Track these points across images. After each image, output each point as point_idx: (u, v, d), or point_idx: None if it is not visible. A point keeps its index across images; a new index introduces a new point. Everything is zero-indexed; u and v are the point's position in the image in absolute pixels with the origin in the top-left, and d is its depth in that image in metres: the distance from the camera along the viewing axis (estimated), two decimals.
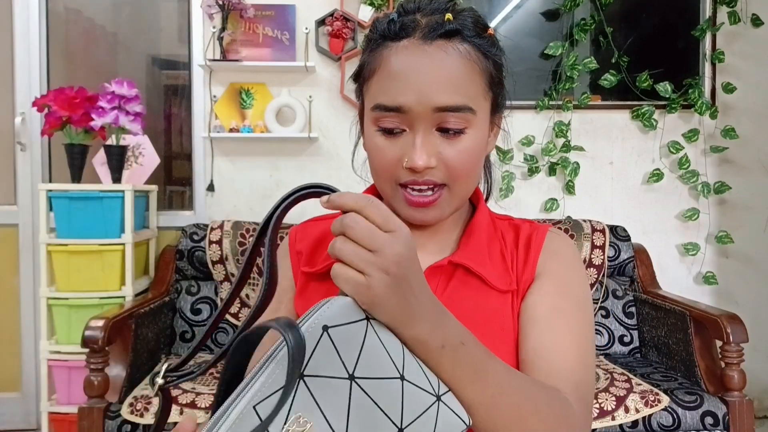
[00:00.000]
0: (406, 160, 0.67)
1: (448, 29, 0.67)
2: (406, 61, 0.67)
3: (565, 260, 0.76)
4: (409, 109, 0.66)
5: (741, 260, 2.79)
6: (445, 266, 0.73)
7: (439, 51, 0.67)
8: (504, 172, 2.70)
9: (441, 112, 0.66)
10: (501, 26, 2.76)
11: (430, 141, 0.68)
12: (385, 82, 0.68)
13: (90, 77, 2.77)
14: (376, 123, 0.70)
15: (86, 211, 2.18)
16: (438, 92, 0.66)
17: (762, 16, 2.72)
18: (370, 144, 0.71)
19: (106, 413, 1.77)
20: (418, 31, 0.68)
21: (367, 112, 0.72)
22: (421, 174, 0.68)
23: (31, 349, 2.62)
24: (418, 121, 0.67)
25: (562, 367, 0.66)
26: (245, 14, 2.53)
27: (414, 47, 0.67)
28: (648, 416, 1.85)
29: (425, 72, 0.66)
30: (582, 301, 0.74)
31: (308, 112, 2.59)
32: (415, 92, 0.66)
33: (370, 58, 0.71)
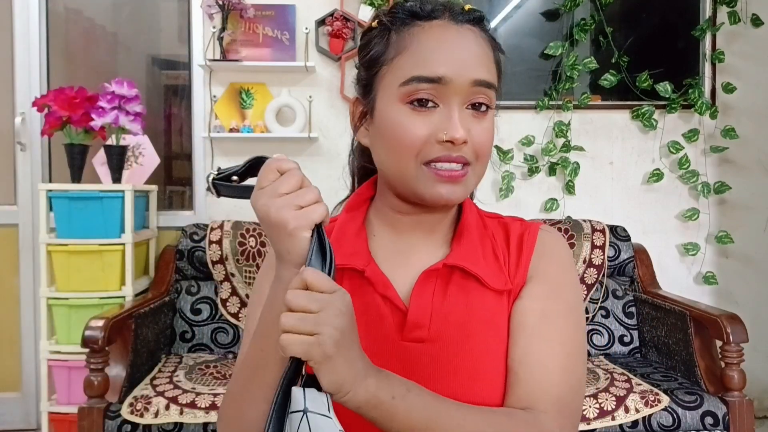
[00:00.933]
0: (444, 133, 0.67)
1: (474, 16, 0.72)
2: (444, 36, 0.69)
3: (556, 261, 0.75)
4: (450, 80, 0.67)
5: (741, 260, 2.79)
6: (440, 269, 0.72)
7: (469, 32, 0.70)
8: (504, 172, 2.70)
9: (476, 86, 0.68)
10: (501, 26, 2.76)
11: (464, 116, 0.69)
12: (422, 55, 0.68)
13: (90, 77, 2.77)
14: (406, 97, 0.68)
15: (86, 211, 2.18)
16: (475, 66, 0.68)
17: (762, 16, 2.72)
18: (394, 123, 0.69)
19: (106, 413, 1.77)
20: (448, 14, 0.71)
21: (389, 91, 0.70)
22: (457, 148, 0.68)
23: (31, 349, 2.62)
24: (455, 93, 0.68)
25: (546, 380, 0.67)
26: (245, 14, 2.53)
27: (448, 26, 0.70)
28: (648, 416, 1.85)
29: (462, 47, 0.69)
30: (573, 304, 0.74)
31: (308, 112, 2.59)
32: (456, 64, 0.68)
33: (395, 39, 0.71)
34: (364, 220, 0.79)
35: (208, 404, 1.79)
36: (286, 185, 0.60)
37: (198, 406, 1.79)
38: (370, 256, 0.74)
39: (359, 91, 0.76)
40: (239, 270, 2.34)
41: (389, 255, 0.76)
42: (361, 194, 0.81)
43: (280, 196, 0.59)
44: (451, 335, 0.70)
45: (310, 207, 0.60)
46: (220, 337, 2.34)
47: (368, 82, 0.73)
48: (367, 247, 0.75)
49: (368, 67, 0.73)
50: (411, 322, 0.70)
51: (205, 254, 2.36)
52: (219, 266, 2.35)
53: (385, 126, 0.70)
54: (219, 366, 2.12)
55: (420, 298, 0.71)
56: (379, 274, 0.73)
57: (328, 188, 2.68)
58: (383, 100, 0.71)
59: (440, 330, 0.70)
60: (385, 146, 0.71)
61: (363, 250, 0.74)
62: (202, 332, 2.34)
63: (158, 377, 1.98)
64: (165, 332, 2.29)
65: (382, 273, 0.73)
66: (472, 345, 0.70)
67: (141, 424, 1.76)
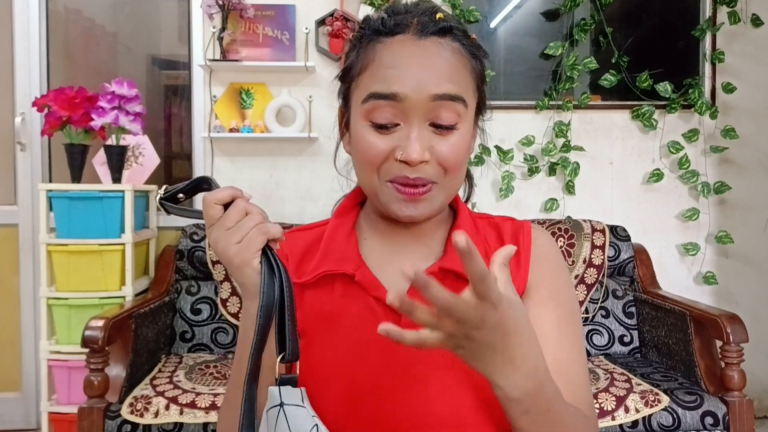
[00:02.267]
0: (400, 153, 0.67)
1: (441, 26, 0.69)
2: (402, 52, 0.68)
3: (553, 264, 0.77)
4: (405, 97, 0.66)
5: (741, 260, 2.79)
6: (435, 273, 0.72)
7: (433, 45, 0.69)
8: (504, 172, 2.70)
9: (437, 101, 0.67)
10: (501, 26, 2.76)
11: (424, 135, 0.68)
12: (380, 73, 0.68)
13: (90, 77, 2.77)
14: (367, 116, 0.69)
15: (86, 211, 2.18)
16: (434, 81, 0.67)
17: (762, 16, 2.72)
18: (359, 138, 0.70)
19: (106, 413, 1.77)
20: (412, 28, 0.69)
21: (356, 107, 0.71)
22: (414, 169, 0.67)
23: (31, 349, 2.62)
24: (413, 111, 0.67)
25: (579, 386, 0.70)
26: (245, 14, 2.53)
27: (409, 41, 0.69)
28: (648, 416, 1.85)
29: (421, 62, 0.67)
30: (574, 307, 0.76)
31: (308, 112, 2.59)
32: (412, 81, 0.67)
33: (361, 55, 0.72)
34: (354, 224, 0.79)
35: (208, 404, 1.79)
36: (230, 219, 0.61)
37: (198, 406, 1.79)
38: (360, 260, 0.74)
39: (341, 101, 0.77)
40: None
41: (380, 258, 0.76)
42: (351, 199, 0.81)
43: (225, 231, 0.61)
44: None
45: (248, 236, 0.60)
46: (220, 337, 2.34)
47: (345, 94, 0.75)
48: (358, 252, 0.75)
49: (342, 80, 0.75)
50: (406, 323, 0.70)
51: (205, 254, 2.36)
52: (219, 266, 2.35)
53: (354, 141, 0.72)
54: (219, 366, 2.12)
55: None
56: (370, 277, 0.73)
57: (328, 188, 2.71)
58: (353, 115, 0.72)
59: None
60: (355, 160, 0.73)
61: (353, 254, 0.75)
62: (202, 332, 2.34)
63: (158, 377, 1.98)
64: (165, 332, 2.29)
65: (373, 276, 0.73)
66: None
67: (141, 424, 1.76)
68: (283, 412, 0.62)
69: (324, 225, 0.80)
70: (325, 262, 0.74)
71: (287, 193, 2.68)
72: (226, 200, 0.62)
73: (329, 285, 0.74)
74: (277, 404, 0.62)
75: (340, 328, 0.72)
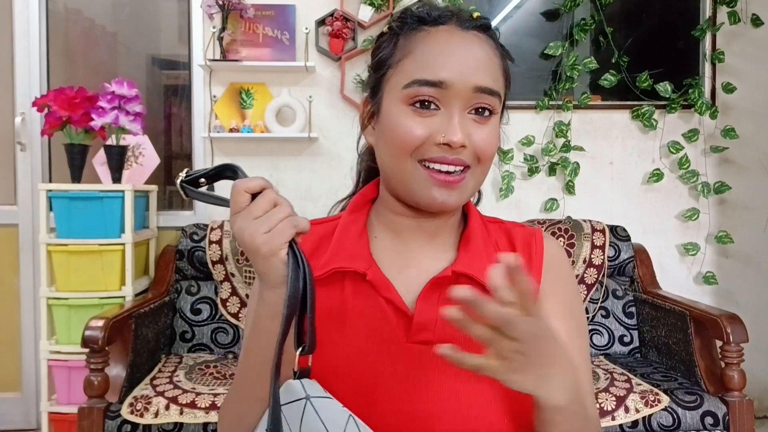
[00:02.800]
0: (442, 135, 0.68)
1: (482, 23, 0.72)
2: (449, 41, 0.70)
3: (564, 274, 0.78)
4: (452, 85, 0.68)
5: (741, 260, 2.79)
6: (449, 276, 0.72)
7: (476, 38, 0.71)
8: (504, 172, 2.70)
9: (478, 92, 0.69)
10: (501, 26, 2.76)
11: (464, 121, 0.69)
12: (426, 59, 0.69)
13: (90, 77, 2.77)
14: (409, 99, 0.69)
15: (86, 211, 2.18)
16: (478, 72, 0.69)
17: (762, 16, 2.72)
18: (394, 123, 0.70)
19: (106, 413, 1.77)
20: (455, 20, 0.71)
21: (393, 93, 0.71)
22: (454, 151, 0.68)
23: (31, 349, 2.62)
24: (456, 98, 0.68)
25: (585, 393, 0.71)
26: (245, 14, 2.53)
27: (454, 31, 0.71)
28: (648, 416, 1.85)
29: (467, 53, 0.69)
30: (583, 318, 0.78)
31: (308, 112, 2.59)
32: (458, 69, 0.68)
33: (402, 43, 0.72)
34: (365, 222, 0.79)
35: (208, 404, 1.79)
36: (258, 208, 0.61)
37: (198, 406, 1.79)
38: (371, 259, 0.74)
39: (368, 92, 0.77)
40: (239, 270, 2.34)
41: (391, 258, 0.76)
42: (365, 195, 0.81)
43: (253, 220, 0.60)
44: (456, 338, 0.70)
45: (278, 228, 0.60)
46: (220, 337, 2.34)
47: (376, 83, 0.75)
48: (369, 250, 0.75)
49: (376, 69, 0.75)
50: (418, 324, 0.71)
51: (205, 254, 2.36)
52: (219, 266, 2.35)
53: (387, 124, 0.71)
54: (219, 366, 2.12)
55: (426, 302, 0.72)
56: (381, 277, 0.73)
57: (328, 188, 2.72)
58: (388, 101, 0.72)
59: (446, 333, 0.70)
60: (386, 144, 0.72)
61: (365, 253, 0.74)
62: (202, 332, 2.34)
63: (158, 377, 1.98)
64: (165, 332, 2.29)
65: (384, 276, 0.73)
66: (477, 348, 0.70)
67: (141, 424, 1.76)
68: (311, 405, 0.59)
69: (336, 220, 0.80)
70: (336, 259, 0.74)
71: (287, 193, 2.68)
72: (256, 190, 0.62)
73: (339, 282, 0.74)
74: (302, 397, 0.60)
75: (349, 327, 0.72)
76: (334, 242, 0.76)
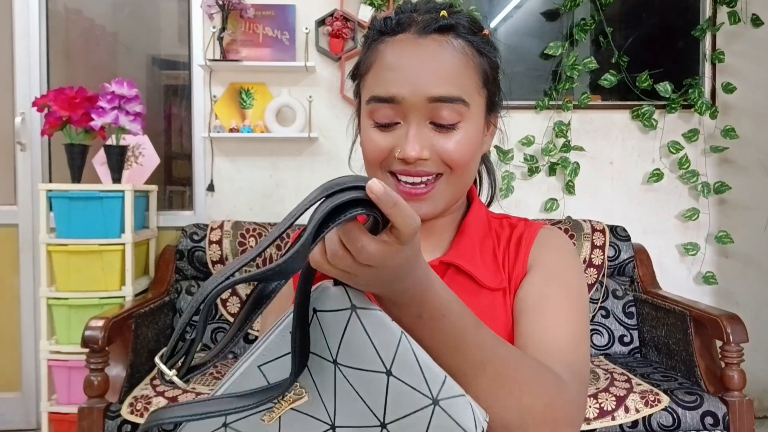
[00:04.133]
0: (398, 151, 0.68)
1: (442, 24, 0.69)
2: (401, 53, 0.69)
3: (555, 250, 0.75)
4: (403, 99, 0.67)
5: (741, 260, 2.79)
6: (436, 266, 0.73)
7: (433, 44, 0.68)
8: (504, 172, 2.70)
9: (435, 102, 0.67)
10: (501, 26, 2.76)
11: (423, 133, 0.68)
12: (380, 75, 0.69)
13: (90, 77, 2.77)
14: (371, 116, 0.70)
15: (86, 211, 2.18)
16: (432, 83, 0.67)
17: (762, 16, 2.72)
18: (364, 137, 0.72)
19: (106, 413, 1.77)
20: (414, 26, 0.69)
21: (363, 106, 0.73)
22: (414, 165, 0.68)
23: (31, 349, 2.62)
24: (411, 112, 0.68)
25: (554, 347, 0.65)
26: (245, 14, 2.53)
27: (409, 40, 0.69)
28: (648, 416, 1.85)
29: (419, 63, 0.67)
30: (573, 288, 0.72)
31: (308, 112, 2.58)
32: (409, 83, 0.67)
33: (367, 54, 0.73)
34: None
35: None
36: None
37: None
38: None
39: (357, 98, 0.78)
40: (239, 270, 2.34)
41: None
42: None
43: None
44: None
45: None
46: (220, 337, 2.32)
47: (356, 91, 0.77)
48: None
49: (353, 78, 0.77)
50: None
51: (205, 254, 2.36)
52: (219, 266, 2.35)
53: (361, 138, 0.74)
54: (219, 366, 2.12)
55: None
56: None
57: None
58: (362, 112, 0.74)
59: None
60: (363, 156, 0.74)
61: None
62: None
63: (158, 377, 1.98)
64: (165, 332, 2.29)
65: None
66: None
67: (141, 424, 1.75)
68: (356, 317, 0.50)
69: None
70: None
71: (287, 193, 2.68)
72: None
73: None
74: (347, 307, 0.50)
75: None
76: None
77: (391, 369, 0.50)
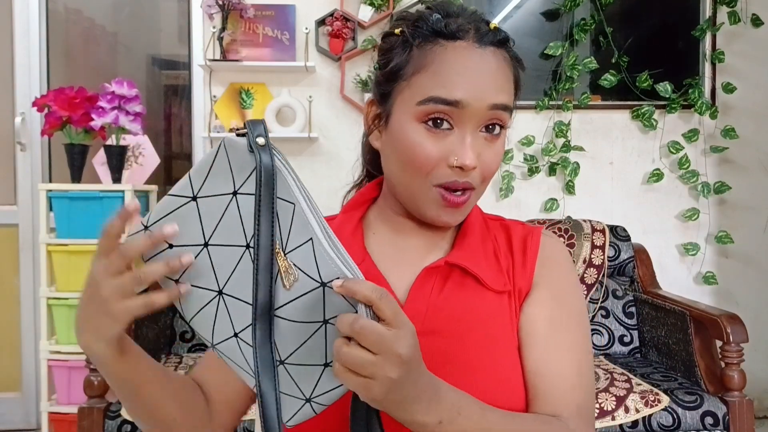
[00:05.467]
0: (455, 158, 0.68)
1: (500, 38, 0.71)
2: (466, 59, 0.69)
3: (558, 267, 0.77)
4: (467, 105, 0.67)
5: (741, 260, 2.79)
6: (441, 267, 0.73)
7: (491, 55, 0.70)
8: (504, 172, 2.70)
9: (493, 110, 0.69)
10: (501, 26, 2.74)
11: (477, 142, 0.69)
12: (442, 77, 0.68)
13: (90, 77, 2.77)
14: (423, 116, 0.68)
15: (86, 211, 2.18)
16: (493, 90, 0.68)
17: (762, 16, 2.72)
18: (408, 139, 0.69)
19: (106, 413, 1.77)
20: (471, 35, 0.70)
21: (407, 107, 0.70)
22: (464, 174, 0.68)
23: (31, 349, 2.62)
24: (471, 118, 0.68)
25: (563, 389, 0.70)
26: (245, 14, 2.53)
27: (471, 48, 0.69)
28: (648, 416, 1.85)
29: (483, 71, 0.69)
30: (577, 309, 0.76)
31: (308, 112, 2.59)
32: (474, 88, 0.68)
33: (418, 54, 0.70)
34: (361, 219, 0.80)
35: None
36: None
37: None
38: (365, 253, 0.75)
39: (376, 95, 0.75)
40: None
41: (386, 252, 0.76)
42: (363, 194, 0.81)
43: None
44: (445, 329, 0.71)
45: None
46: None
47: (386, 90, 0.73)
48: (363, 245, 0.76)
49: (388, 77, 0.73)
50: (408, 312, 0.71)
51: None
52: None
53: (399, 140, 0.70)
54: None
55: (418, 292, 0.72)
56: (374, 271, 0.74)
57: (328, 188, 2.71)
58: (399, 114, 0.71)
59: (434, 323, 0.71)
60: (398, 161, 0.71)
61: (358, 247, 0.75)
62: None
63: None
64: (165, 332, 2.29)
65: (376, 268, 0.74)
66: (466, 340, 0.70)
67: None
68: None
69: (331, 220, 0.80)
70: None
71: None
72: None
73: None
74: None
75: None
76: None
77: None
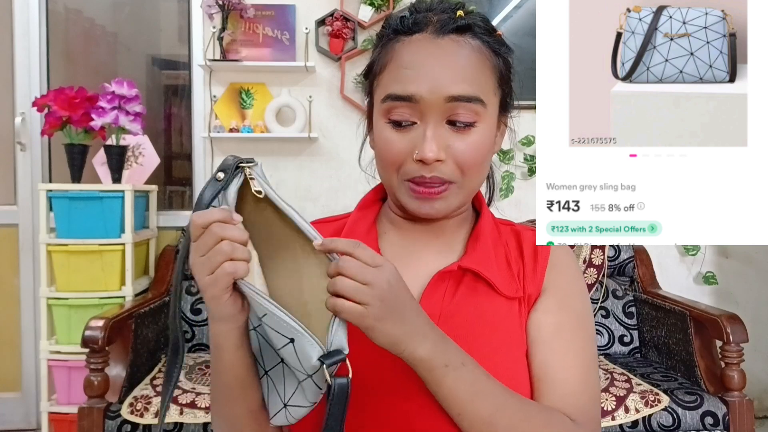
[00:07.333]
0: (416, 152, 0.67)
1: (459, 24, 0.69)
2: (419, 52, 0.68)
3: (566, 272, 0.77)
4: (421, 98, 0.66)
5: (741, 260, 2.79)
6: (454, 271, 0.73)
7: (451, 43, 0.68)
8: (504, 172, 2.70)
9: (453, 102, 0.67)
10: (501, 26, 2.76)
11: (441, 133, 0.68)
12: (396, 73, 0.68)
13: (90, 77, 2.77)
14: (386, 115, 0.69)
15: (86, 211, 2.18)
16: (450, 82, 0.67)
17: None
18: (379, 137, 0.71)
19: (106, 413, 1.77)
20: (431, 26, 0.69)
21: (377, 105, 0.71)
22: (430, 168, 0.67)
23: (31, 349, 2.62)
24: (429, 111, 0.67)
25: (569, 392, 0.69)
26: (245, 14, 2.53)
27: (426, 40, 0.69)
28: (648, 416, 1.85)
29: (438, 62, 0.67)
30: (583, 314, 0.75)
31: (308, 112, 2.58)
32: (428, 81, 0.66)
33: (382, 53, 0.72)
34: (375, 218, 0.80)
35: (208, 404, 1.79)
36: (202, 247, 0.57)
37: (198, 406, 1.79)
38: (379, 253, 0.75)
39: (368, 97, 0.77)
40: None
41: (398, 255, 0.76)
42: (375, 193, 0.82)
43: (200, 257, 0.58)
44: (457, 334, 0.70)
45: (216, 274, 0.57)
46: None
47: (368, 91, 0.76)
48: (377, 246, 0.76)
49: (365, 77, 0.76)
50: None
51: None
52: None
53: (376, 138, 0.73)
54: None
55: (431, 296, 0.72)
56: None
57: (328, 188, 2.71)
58: (375, 112, 0.73)
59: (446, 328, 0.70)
60: (377, 159, 0.73)
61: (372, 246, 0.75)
62: (202, 332, 2.34)
63: (158, 377, 1.98)
64: (165, 332, 2.29)
65: None
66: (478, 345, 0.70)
67: (141, 424, 1.75)
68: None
69: (345, 218, 0.80)
70: None
71: (287, 193, 2.68)
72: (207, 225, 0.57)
73: None
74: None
75: None
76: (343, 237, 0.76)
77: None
